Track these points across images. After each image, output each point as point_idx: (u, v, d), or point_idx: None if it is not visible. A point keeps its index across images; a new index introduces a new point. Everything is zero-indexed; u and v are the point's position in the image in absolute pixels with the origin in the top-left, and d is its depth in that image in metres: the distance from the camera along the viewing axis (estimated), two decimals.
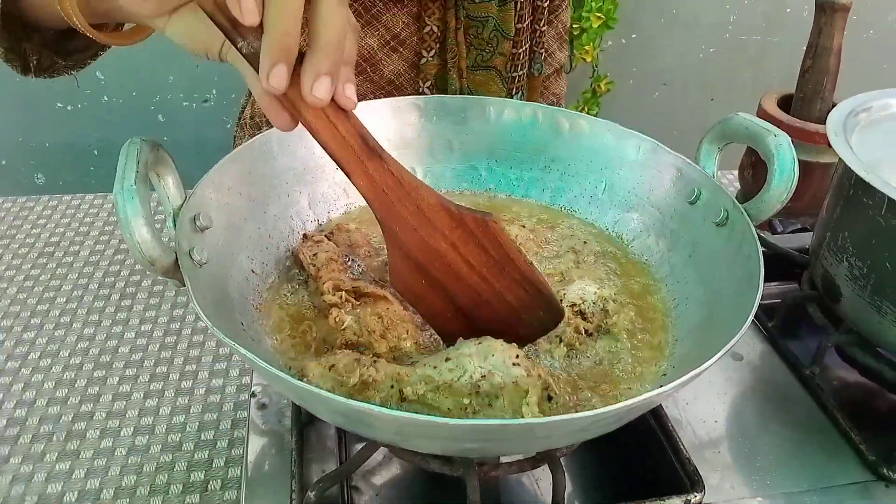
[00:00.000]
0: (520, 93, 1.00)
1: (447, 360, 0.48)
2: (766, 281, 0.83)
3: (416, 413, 0.41)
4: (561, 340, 0.56)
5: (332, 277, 0.58)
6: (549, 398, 0.48)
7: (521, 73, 0.97)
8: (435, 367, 0.48)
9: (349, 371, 0.48)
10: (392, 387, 0.48)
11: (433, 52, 0.91)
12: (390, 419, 0.40)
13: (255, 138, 0.67)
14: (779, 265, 0.83)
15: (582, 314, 0.56)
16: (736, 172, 1.41)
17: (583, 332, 0.56)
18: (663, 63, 2.20)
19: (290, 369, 0.54)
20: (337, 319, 0.55)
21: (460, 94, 0.94)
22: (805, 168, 1.20)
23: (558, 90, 1.13)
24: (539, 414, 0.46)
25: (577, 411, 0.51)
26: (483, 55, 0.94)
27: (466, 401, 0.46)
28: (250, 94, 1.10)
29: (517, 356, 0.48)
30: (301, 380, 0.50)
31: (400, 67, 0.92)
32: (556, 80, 1.12)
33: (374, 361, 0.49)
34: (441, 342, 0.57)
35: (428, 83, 0.92)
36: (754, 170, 1.28)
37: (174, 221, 0.54)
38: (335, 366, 0.49)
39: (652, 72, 2.22)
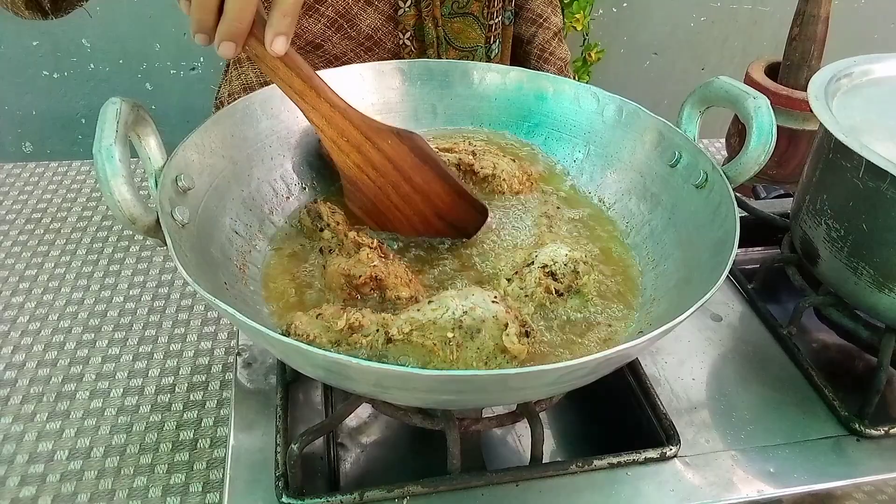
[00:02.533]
0: (497, 41, 1.00)
1: (430, 302, 0.50)
2: (748, 246, 0.86)
3: (402, 355, 0.42)
4: (529, 298, 0.57)
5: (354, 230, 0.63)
6: (527, 333, 0.50)
7: (497, 20, 0.97)
8: (419, 310, 0.49)
9: (336, 317, 0.49)
10: (378, 330, 0.49)
11: (409, 1, 0.91)
12: (368, 371, 0.41)
13: (237, 101, 0.67)
14: (761, 231, 0.84)
15: (553, 275, 0.57)
16: (723, 141, 1.41)
17: (553, 293, 0.57)
18: (654, 32, 2.19)
19: (278, 324, 0.55)
20: (369, 255, 0.57)
21: (438, 43, 0.94)
22: (791, 136, 1.21)
23: (563, 54, 1.13)
24: (519, 345, 0.48)
25: (552, 361, 0.52)
26: (459, 1, 0.94)
27: (450, 334, 0.48)
28: (226, 72, 1.09)
29: (496, 296, 0.50)
30: (288, 333, 0.51)
31: (377, 21, 0.92)
32: (558, 44, 1.12)
33: (360, 309, 0.51)
34: None
35: (408, 34, 0.92)
36: (741, 137, 1.29)
37: (156, 182, 0.54)
38: (322, 314, 0.50)
39: (643, 41, 2.21)
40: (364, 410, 0.69)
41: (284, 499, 0.52)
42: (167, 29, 1.99)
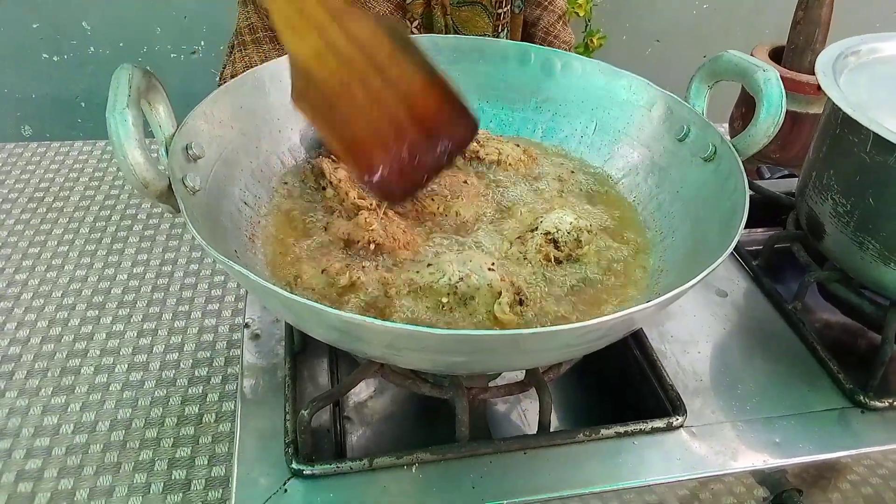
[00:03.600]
0: (505, 30, 1.00)
1: (429, 265, 0.50)
2: (753, 226, 0.86)
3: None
4: (528, 261, 0.57)
5: (356, 189, 0.61)
6: (521, 302, 0.51)
7: (506, 8, 0.97)
8: (418, 272, 0.50)
9: (340, 273, 0.50)
10: (377, 288, 0.49)
11: None
12: (382, 331, 0.41)
13: (245, 73, 0.67)
14: (766, 211, 0.84)
15: (555, 242, 0.58)
16: (726, 125, 1.41)
17: (552, 260, 0.57)
18: (657, 19, 2.19)
19: (284, 278, 0.56)
20: (367, 220, 0.56)
21: (446, 31, 0.94)
22: (795, 118, 1.21)
23: (567, 38, 1.13)
24: (509, 314, 0.48)
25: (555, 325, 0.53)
26: None
27: (444, 300, 0.49)
28: (230, 54, 1.09)
29: (493, 263, 0.50)
30: (294, 286, 0.52)
31: (386, 9, 0.92)
32: (563, 27, 1.12)
33: (363, 267, 0.51)
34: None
35: (416, 22, 0.92)
36: (744, 121, 1.29)
37: (166, 149, 0.54)
38: (327, 269, 0.50)
39: (645, 27, 2.20)
40: (369, 386, 0.69)
41: (294, 464, 0.52)
42: (168, 12, 1.98)
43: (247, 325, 0.66)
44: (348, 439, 0.64)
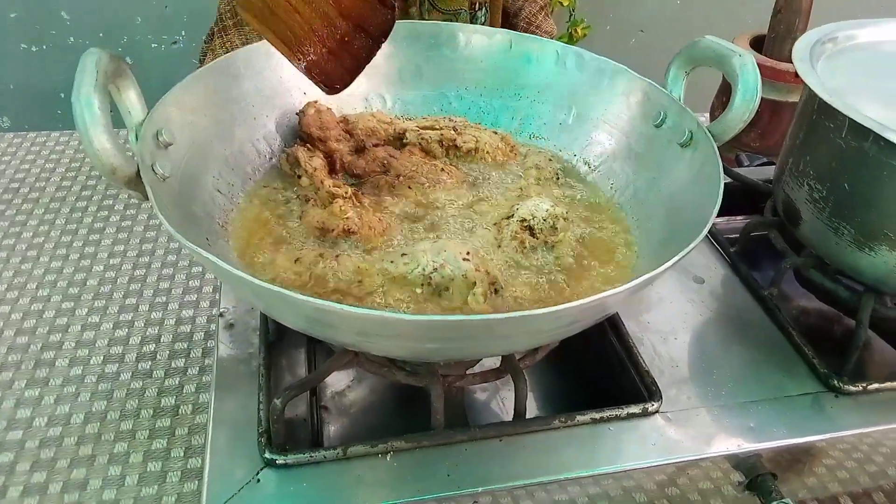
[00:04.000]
0: (483, 9, 0.99)
1: (403, 255, 0.50)
2: (731, 214, 0.86)
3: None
4: (501, 249, 0.57)
5: (330, 179, 0.62)
6: (496, 291, 0.50)
7: None
8: (392, 262, 0.49)
9: (314, 263, 0.49)
10: (352, 278, 0.49)
11: None
12: (352, 317, 0.40)
13: (219, 59, 0.66)
14: (744, 198, 0.84)
15: (531, 229, 0.58)
16: (707, 115, 1.41)
17: (527, 246, 0.57)
18: (641, 9, 2.19)
19: (256, 272, 0.55)
20: (342, 208, 0.56)
21: (420, 1, 0.93)
22: (775, 107, 1.21)
23: (549, 28, 1.13)
24: (484, 305, 0.48)
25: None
26: None
27: (419, 290, 0.48)
28: (210, 40, 1.08)
29: (468, 252, 0.50)
30: (268, 279, 0.51)
31: None
32: (545, 18, 1.12)
33: (337, 256, 0.50)
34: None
35: None
36: (724, 109, 1.29)
37: (136, 135, 0.53)
38: (300, 259, 0.50)
39: (629, 18, 2.20)
40: (346, 375, 0.69)
41: (267, 454, 0.52)
42: (149, 2, 1.96)
43: (221, 315, 0.66)
44: (325, 429, 0.64)
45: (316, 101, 0.70)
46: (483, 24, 1.04)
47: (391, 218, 0.61)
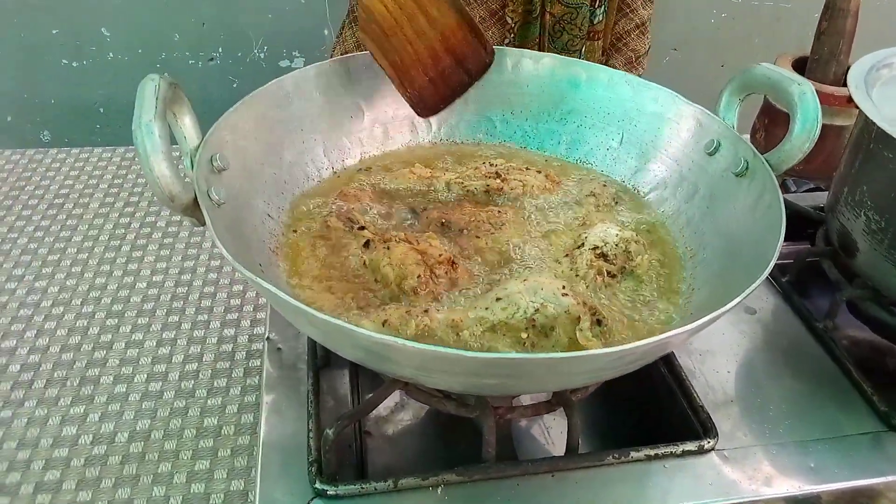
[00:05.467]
0: (602, 7, 0.99)
1: (498, 299, 0.49)
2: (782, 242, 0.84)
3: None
4: (581, 278, 0.56)
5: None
6: (599, 322, 0.49)
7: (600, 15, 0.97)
8: (487, 309, 0.48)
9: (403, 323, 0.48)
10: (448, 332, 0.48)
11: None
12: (413, 352, 0.40)
13: (270, 83, 0.67)
14: (792, 224, 0.82)
15: (604, 256, 0.56)
16: (747, 136, 1.40)
17: (605, 275, 0.56)
18: (674, 28, 2.17)
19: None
20: (420, 248, 0.56)
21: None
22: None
23: (638, 46, 1.12)
24: (593, 339, 0.47)
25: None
26: None
27: (524, 335, 0.47)
28: (340, 33, 1.06)
29: (563, 286, 0.49)
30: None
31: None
32: (637, 36, 1.11)
33: (425, 311, 0.50)
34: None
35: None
36: (767, 132, 1.27)
37: (191, 161, 0.53)
38: (388, 320, 0.49)
39: (662, 37, 2.18)
40: (389, 400, 0.68)
41: (318, 484, 0.51)
42: (186, 19, 1.99)
43: (269, 339, 0.65)
44: (369, 455, 0.63)
45: (346, 187, 0.68)
46: (599, 22, 1.03)
47: (463, 263, 0.60)
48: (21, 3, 1.85)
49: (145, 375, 0.80)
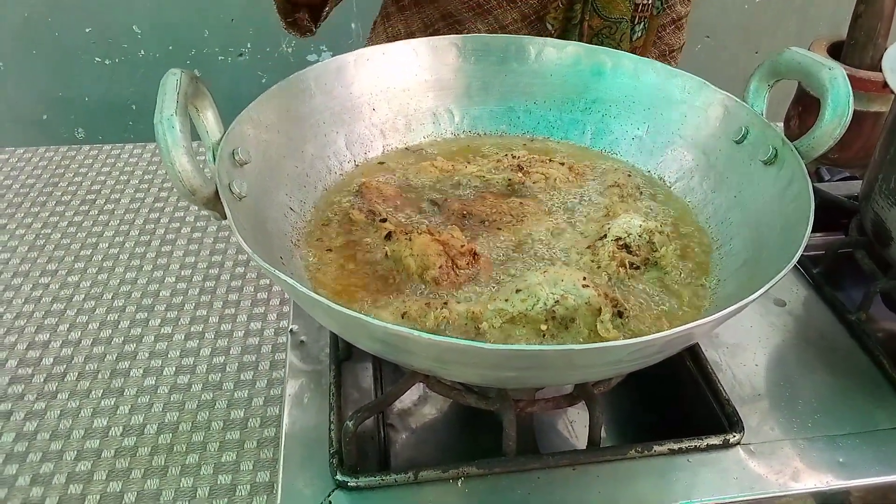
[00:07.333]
0: (643, 24, 0.97)
1: (517, 291, 0.48)
2: (812, 231, 0.82)
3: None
4: (603, 269, 0.55)
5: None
6: (620, 314, 0.48)
7: (647, 1, 0.94)
8: (507, 300, 0.48)
9: (422, 315, 0.48)
10: (467, 324, 0.48)
11: None
12: (430, 344, 0.39)
13: (291, 76, 0.67)
14: (825, 214, 0.80)
15: (627, 248, 0.56)
16: (781, 125, 1.36)
17: (627, 266, 0.55)
18: (705, 14, 2.13)
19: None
20: (442, 238, 0.56)
21: (584, 3, 0.90)
22: (855, 117, 1.15)
23: (672, 41, 1.09)
24: (613, 331, 0.46)
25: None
26: None
27: (544, 327, 0.47)
28: (373, 28, 1.06)
29: (584, 278, 0.48)
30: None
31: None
32: (673, 32, 1.09)
33: (445, 303, 0.49)
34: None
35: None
36: (800, 119, 1.24)
37: (213, 155, 0.54)
38: (407, 312, 0.49)
39: (694, 24, 2.14)
40: (413, 393, 0.68)
41: (339, 476, 0.51)
42: (216, 15, 2.01)
43: (292, 332, 0.66)
44: (392, 447, 0.63)
45: (369, 179, 0.68)
46: (639, 38, 1.01)
47: (485, 254, 0.59)
48: (53, 3, 1.89)
49: (174, 368, 0.82)
